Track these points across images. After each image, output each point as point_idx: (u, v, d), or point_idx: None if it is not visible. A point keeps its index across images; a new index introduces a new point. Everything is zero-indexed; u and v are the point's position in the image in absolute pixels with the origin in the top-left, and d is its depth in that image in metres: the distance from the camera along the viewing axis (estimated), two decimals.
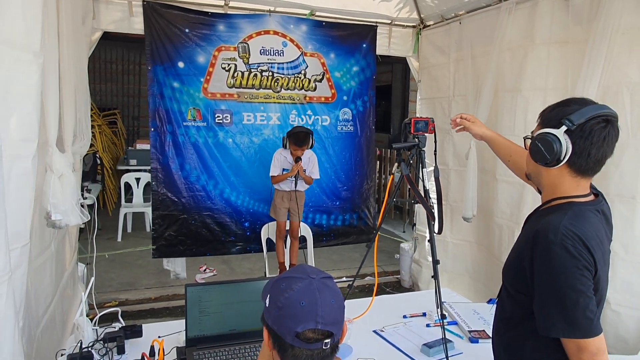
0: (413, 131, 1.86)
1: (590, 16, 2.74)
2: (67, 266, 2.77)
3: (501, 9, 3.31)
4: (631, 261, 2.58)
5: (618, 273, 2.62)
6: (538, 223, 1.32)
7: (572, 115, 1.25)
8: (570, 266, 1.20)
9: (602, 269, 1.27)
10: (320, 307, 1.01)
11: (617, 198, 2.61)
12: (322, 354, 1.03)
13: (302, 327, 0.99)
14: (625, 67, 2.57)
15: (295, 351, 1.01)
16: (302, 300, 1.01)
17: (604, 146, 1.26)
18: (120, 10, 3.48)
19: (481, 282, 3.70)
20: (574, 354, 1.23)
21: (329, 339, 1.02)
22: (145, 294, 4.24)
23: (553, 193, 1.35)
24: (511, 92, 3.25)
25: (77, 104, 2.53)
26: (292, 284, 1.04)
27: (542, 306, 1.26)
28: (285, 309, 1.02)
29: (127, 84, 9.43)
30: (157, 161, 3.79)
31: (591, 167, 1.28)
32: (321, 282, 1.06)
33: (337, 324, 1.05)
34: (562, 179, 1.31)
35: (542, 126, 1.32)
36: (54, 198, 2.04)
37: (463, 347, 1.95)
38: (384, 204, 1.94)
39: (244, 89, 3.96)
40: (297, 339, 0.99)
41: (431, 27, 4.26)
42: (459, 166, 3.94)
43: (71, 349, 1.67)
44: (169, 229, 3.87)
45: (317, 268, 1.12)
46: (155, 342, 1.69)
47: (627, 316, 2.59)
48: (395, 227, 6.73)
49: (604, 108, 1.29)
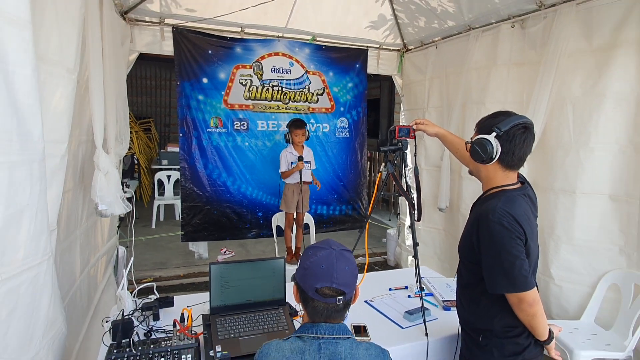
0: (397, 137, 1.86)
1: (542, 42, 2.75)
2: (100, 249, 2.76)
3: (470, 36, 3.31)
4: (572, 245, 2.60)
5: (561, 254, 2.64)
6: (480, 208, 1.41)
7: (499, 124, 1.34)
8: (506, 237, 1.29)
9: (532, 238, 1.35)
10: (336, 270, 1.07)
11: (561, 192, 2.63)
12: (336, 307, 1.09)
13: (321, 285, 1.07)
14: (569, 84, 2.59)
15: (314, 303, 1.09)
16: (323, 264, 1.08)
17: (524, 147, 1.36)
18: (153, 35, 3.48)
19: (447, 262, 3.74)
20: (516, 305, 1.33)
21: (341, 297, 1.08)
22: (175, 272, 4.25)
23: (489, 184, 1.44)
24: (477, 105, 3.25)
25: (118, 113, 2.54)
26: (317, 252, 1.11)
27: (488, 270, 1.34)
28: (309, 269, 1.09)
29: (159, 97, 9.40)
30: (185, 161, 3.79)
31: (516, 163, 1.38)
32: (340, 253, 1.12)
33: (349, 286, 1.10)
34: (495, 172, 1.40)
35: (478, 133, 1.40)
36: (101, 191, 2.05)
37: (438, 313, 1.96)
38: (373, 197, 1.94)
39: (258, 101, 3.96)
40: (317, 293, 1.07)
41: (412, 51, 4.26)
42: (429, 166, 3.96)
43: (114, 316, 1.67)
44: (195, 218, 3.88)
45: (339, 242, 1.17)
46: (184, 311, 1.68)
47: (567, 289, 2.63)
48: (383, 216, 6.74)
49: (523, 118, 1.37)
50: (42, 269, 1.31)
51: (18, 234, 1.18)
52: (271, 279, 1.82)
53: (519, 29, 2.94)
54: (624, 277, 2.40)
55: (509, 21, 2.98)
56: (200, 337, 1.60)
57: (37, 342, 1.31)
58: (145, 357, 1.43)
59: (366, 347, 1.11)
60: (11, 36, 1.10)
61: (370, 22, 3.99)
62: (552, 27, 2.63)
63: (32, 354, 1.29)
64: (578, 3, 2.51)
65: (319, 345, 1.06)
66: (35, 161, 1.23)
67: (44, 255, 1.31)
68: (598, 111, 2.46)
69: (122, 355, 1.43)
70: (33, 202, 1.22)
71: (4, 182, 1.11)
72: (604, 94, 2.42)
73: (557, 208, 2.64)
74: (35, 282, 1.28)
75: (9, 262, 1.16)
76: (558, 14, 2.60)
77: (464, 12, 3.23)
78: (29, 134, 1.19)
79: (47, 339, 1.38)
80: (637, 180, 2.33)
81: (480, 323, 1.44)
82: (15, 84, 1.11)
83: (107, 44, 2.22)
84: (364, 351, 1.09)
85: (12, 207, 1.14)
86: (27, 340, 1.26)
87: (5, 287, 1.14)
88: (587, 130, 2.50)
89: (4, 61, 1.08)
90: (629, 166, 2.38)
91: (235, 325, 1.67)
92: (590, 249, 2.54)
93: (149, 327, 1.66)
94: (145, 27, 3.42)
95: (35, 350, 1.30)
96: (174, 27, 3.51)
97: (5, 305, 1.15)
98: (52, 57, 1.54)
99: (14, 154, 1.14)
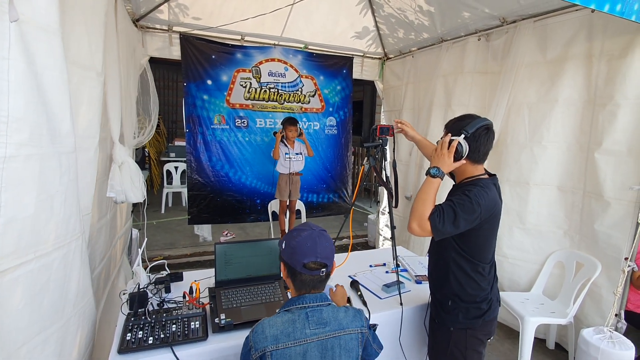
0: (378, 134, 1.88)
1: (503, 54, 2.78)
2: (118, 232, 2.76)
3: (442, 47, 3.34)
4: (524, 228, 2.67)
5: (515, 236, 2.71)
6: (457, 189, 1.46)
7: (467, 126, 1.38)
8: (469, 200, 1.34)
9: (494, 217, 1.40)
10: (319, 247, 1.10)
11: (516, 183, 2.69)
12: (320, 278, 1.13)
13: (308, 259, 1.09)
14: (526, 90, 2.63)
15: (302, 277, 1.11)
16: (307, 242, 1.10)
17: (487, 144, 1.41)
18: (162, 41, 3.43)
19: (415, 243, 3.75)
20: (412, 226, 1.34)
21: (324, 269, 1.11)
22: (183, 251, 4.25)
23: (462, 177, 1.48)
24: (444, 107, 3.28)
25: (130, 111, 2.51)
26: (300, 233, 1.13)
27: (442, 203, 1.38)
28: (296, 248, 1.11)
29: (167, 96, 9.23)
30: (191, 154, 3.76)
31: (482, 158, 1.43)
32: (319, 232, 1.15)
33: (329, 259, 1.14)
34: (466, 167, 1.45)
35: (447, 134, 1.44)
36: (112, 180, 2.04)
37: (411, 286, 1.98)
38: (357, 187, 1.97)
39: (257, 101, 3.94)
40: (304, 268, 1.09)
41: (392, 59, 4.27)
42: (398, 161, 3.95)
43: (131, 289, 1.67)
44: (200, 204, 3.86)
45: (316, 224, 1.21)
46: (193, 284, 1.69)
47: (519, 267, 2.70)
48: (365, 203, 6.80)
49: (485, 120, 1.41)
50: (72, 248, 1.31)
51: (50, 218, 1.19)
52: (268, 257, 1.85)
53: (484, 42, 2.97)
54: (567, 256, 2.50)
55: (475, 35, 3.01)
56: (207, 307, 1.61)
57: (69, 310, 1.33)
58: (159, 323, 1.45)
59: (344, 310, 1.16)
60: (39, 42, 1.09)
61: (355, 33, 3.99)
62: (513, 40, 2.67)
63: (64, 321, 1.31)
64: (535, 20, 2.56)
65: (306, 314, 1.09)
66: (63, 153, 1.23)
67: (73, 236, 1.32)
68: (550, 115, 2.52)
69: (139, 322, 1.44)
70: (62, 190, 1.23)
71: (35, 171, 1.11)
72: (556, 99, 2.48)
73: (512, 197, 2.71)
74: (66, 259, 1.28)
75: (42, 242, 1.16)
76: (518, 29, 2.64)
77: (437, 25, 3.25)
78: (57, 129, 1.19)
79: (77, 308, 1.39)
80: (581, 174, 2.41)
81: (449, 290, 1.49)
82: (44, 84, 1.11)
83: (122, 48, 2.19)
84: (343, 313, 1.14)
85: (43, 193, 1.14)
86: (60, 309, 1.28)
87: (40, 263, 1.15)
88: (540, 130, 2.57)
89: (33, 63, 1.07)
90: (574, 162, 2.45)
91: (237, 297, 1.68)
92: (539, 232, 2.62)
93: (162, 298, 1.66)
94: (155, 33, 3.37)
95: (67, 317, 1.32)
96: (181, 34, 3.46)
97: (40, 279, 1.16)
98: (84, 62, 1.54)
99: (44, 146, 1.14)
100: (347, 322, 1.12)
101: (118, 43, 2.10)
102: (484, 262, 1.45)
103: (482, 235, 1.41)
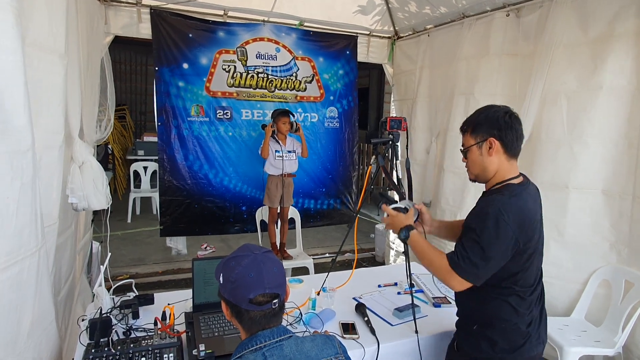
0: (388, 128, 1.88)
1: (537, 32, 2.79)
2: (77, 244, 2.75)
3: (464, 24, 3.35)
4: (562, 241, 2.66)
5: (550, 250, 2.69)
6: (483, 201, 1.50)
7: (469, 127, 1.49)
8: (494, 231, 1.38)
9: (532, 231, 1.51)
10: (265, 275, 1.06)
11: (552, 187, 2.67)
12: (273, 312, 1.08)
13: (254, 294, 1.05)
14: (564, 76, 2.63)
15: (250, 314, 1.07)
16: (250, 272, 1.05)
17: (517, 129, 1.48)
18: (129, 17, 3.42)
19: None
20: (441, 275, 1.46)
21: (276, 299, 1.07)
22: (153, 268, 4.24)
23: (495, 179, 1.51)
24: (465, 95, 3.27)
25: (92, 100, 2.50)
26: (240, 261, 1.07)
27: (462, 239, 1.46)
28: (238, 282, 1.05)
29: (135, 83, 9.24)
30: (163, 152, 3.75)
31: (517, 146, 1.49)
32: (263, 255, 1.10)
33: (281, 286, 1.10)
34: (501, 164, 1.49)
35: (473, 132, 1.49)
36: (73, 184, 2.03)
37: (428, 310, 1.98)
38: (363, 191, 1.96)
39: (243, 88, 3.94)
40: (251, 304, 1.05)
41: (404, 39, 4.29)
42: (412, 160, 3.96)
43: (91, 314, 1.65)
44: (174, 212, 3.85)
45: (258, 245, 1.16)
46: (166, 308, 1.68)
47: (556, 287, 2.67)
48: (371, 210, 6.79)
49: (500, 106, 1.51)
50: (25, 266, 1.30)
51: None
52: None
53: (513, 18, 2.98)
54: (614, 273, 2.49)
55: (503, 9, 3.02)
56: (182, 336, 1.61)
57: (22, 343, 1.31)
58: (125, 356, 1.43)
59: (311, 339, 1.12)
60: None
61: (358, 7, 4.00)
62: (548, 16, 2.68)
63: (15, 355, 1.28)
64: None
65: (262, 355, 1.04)
66: (16, 152, 1.22)
67: (27, 251, 1.30)
68: (593, 105, 2.51)
69: (100, 355, 1.43)
70: (13, 197, 1.21)
71: None
72: (600, 87, 2.48)
73: (546, 203, 2.69)
74: (18, 279, 1.27)
75: None
76: (554, 4, 2.65)
77: None
78: (8, 123, 1.17)
79: (33, 339, 1.37)
80: (631, 175, 2.41)
81: (477, 313, 1.49)
82: None
83: (82, 26, 2.19)
84: (310, 344, 1.10)
85: None
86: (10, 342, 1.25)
87: None
88: (581, 124, 2.56)
89: None
90: (622, 161, 2.45)
91: (220, 323, 1.68)
92: (580, 245, 2.61)
93: (128, 325, 1.65)
94: (120, 7, 3.36)
95: (19, 351, 1.30)
96: (152, 8, 3.46)
97: None
98: (45, 43, 1.53)
99: None
100: (316, 354, 1.09)
101: (78, 19, 2.09)
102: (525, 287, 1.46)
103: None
